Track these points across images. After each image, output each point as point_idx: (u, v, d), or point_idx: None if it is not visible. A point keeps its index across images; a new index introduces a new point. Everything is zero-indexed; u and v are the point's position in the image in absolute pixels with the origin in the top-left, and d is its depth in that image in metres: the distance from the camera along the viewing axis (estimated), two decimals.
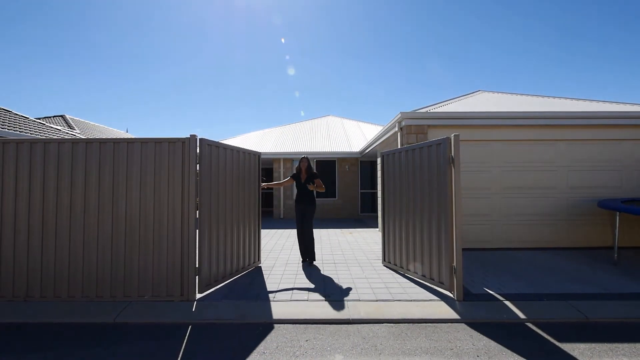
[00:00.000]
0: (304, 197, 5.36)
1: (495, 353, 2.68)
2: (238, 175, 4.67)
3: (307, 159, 5.43)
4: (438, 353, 2.69)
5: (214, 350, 2.76)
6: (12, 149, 3.81)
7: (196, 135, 3.90)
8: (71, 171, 3.82)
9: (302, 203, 5.36)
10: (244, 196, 4.82)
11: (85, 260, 3.78)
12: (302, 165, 5.39)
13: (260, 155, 5.36)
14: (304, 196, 5.36)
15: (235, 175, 4.61)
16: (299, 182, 5.37)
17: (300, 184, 5.36)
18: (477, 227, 6.29)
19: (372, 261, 5.51)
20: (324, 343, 2.86)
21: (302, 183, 5.33)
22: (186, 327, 3.18)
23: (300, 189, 5.39)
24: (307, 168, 5.38)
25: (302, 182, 5.34)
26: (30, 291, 3.76)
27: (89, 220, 3.80)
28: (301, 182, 5.35)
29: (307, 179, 5.31)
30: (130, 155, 3.86)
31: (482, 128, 6.31)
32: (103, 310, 3.49)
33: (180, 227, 3.84)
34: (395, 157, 4.91)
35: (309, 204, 5.36)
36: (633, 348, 2.75)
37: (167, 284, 3.80)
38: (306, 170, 5.37)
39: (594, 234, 6.33)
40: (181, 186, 3.86)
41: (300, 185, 5.38)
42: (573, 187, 6.36)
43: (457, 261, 3.74)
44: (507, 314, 3.37)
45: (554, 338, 2.92)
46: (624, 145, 6.39)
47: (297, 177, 5.41)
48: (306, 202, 5.35)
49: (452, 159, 3.83)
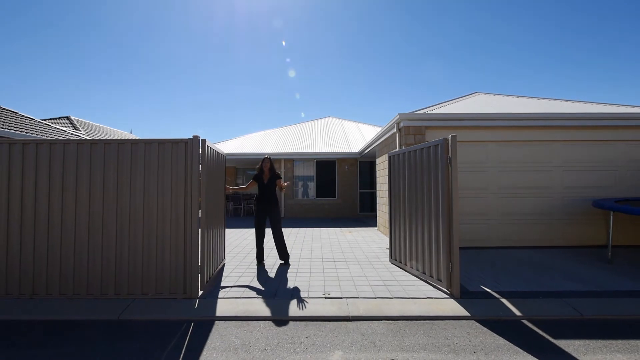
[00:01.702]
0: (267, 197, 5.19)
1: (491, 349, 2.69)
2: (215, 176, 4.59)
3: (269, 159, 5.27)
4: (436, 350, 2.70)
5: (216, 346, 2.76)
6: (18, 150, 3.81)
7: (199, 136, 3.91)
8: (76, 171, 3.82)
9: (266, 203, 5.18)
10: (218, 196, 4.79)
11: (90, 258, 3.78)
12: (265, 165, 5.23)
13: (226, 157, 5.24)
14: (268, 197, 5.19)
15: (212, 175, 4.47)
16: (262, 183, 5.21)
17: (263, 184, 5.20)
18: (474, 226, 6.29)
19: (371, 260, 5.51)
20: (324, 340, 2.86)
21: (265, 184, 5.19)
22: (189, 323, 3.18)
23: (264, 189, 5.20)
24: (270, 168, 5.25)
25: (264, 182, 5.20)
26: (36, 289, 3.76)
27: (94, 220, 3.80)
28: (264, 183, 5.20)
29: (270, 179, 5.20)
30: (134, 155, 3.86)
31: (479, 129, 6.31)
32: (108, 308, 3.49)
33: (183, 226, 3.84)
34: (400, 157, 4.94)
35: (274, 205, 5.21)
36: (627, 345, 2.75)
37: (170, 282, 3.80)
38: (269, 170, 5.24)
39: (589, 233, 6.34)
40: (184, 186, 3.86)
41: (263, 186, 5.20)
42: (568, 187, 6.37)
43: (454, 259, 3.74)
44: (503, 311, 3.37)
45: (549, 335, 2.93)
46: (617, 146, 6.40)
47: (260, 178, 5.24)
48: (271, 203, 5.19)
49: (449, 160, 3.84)
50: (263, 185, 5.23)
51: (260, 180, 5.25)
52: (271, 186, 5.23)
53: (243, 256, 5.79)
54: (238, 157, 12.75)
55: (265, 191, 5.21)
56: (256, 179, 5.27)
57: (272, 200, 5.21)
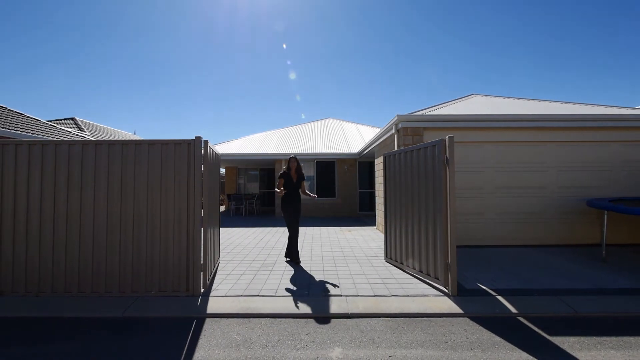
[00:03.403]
0: (294, 196, 5.13)
1: (488, 346, 2.69)
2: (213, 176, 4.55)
3: (296, 158, 5.19)
4: (433, 346, 2.70)
5: (218, 342, 2.76)
6: (24, 150, 3.81)
7: (201, 137, 3.91)
8: (81, 171, 3.82)
9: (291, 202, 5.12)
10: (215, 195, 4.76)
11: (94, 256, 3.79)
12: (292, 165, 5.15)
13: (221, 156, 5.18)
14: (294, 196, 5.14)
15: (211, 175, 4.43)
16: (290, 182, 5.11)
17: (292, 183, 5.11)
18: (471, 225, 6.29)
19: (370, 258, 5.51)
20: (324, 336, 2.86)
21: (293, 183, 5.13)
22: (192, 320, 3.18)
23: (291, 189, 5.11)
24: (297, 169, 5.18)
25: (293, 182, 5.13)
26: (42, 287, 3.76)
27: (98, 219, 3.81)
28: (292, 182, 5.13)
29: (297, 179, 5.16)
30: (138, 156, 3.86)
31: (476, 130, 6.31)
32: (112, 305, 3.50)
33: (185, 225, 3.84)
34: (396, 158, 4.92)
35: (297, 203, 5.17)
36: (620, 341, 2.75)
37: (172, 280, 3.80)
38: (296, 170, 5.18)
39: (583, 232, 6.34)
40: (187, 186, 3.86)
41: (291, 184, 5.11)
42: (563, 186, 6.37)
43: (451, 258, 3.74)
44: (499, 309, 3.37)
45: (544, 331, 2.93)
46: (611, 147, 6.40)
47: (288, 177, 5.13)
48: (294, 202, 5.14)
49: (446, 160, 3.84)
50: (291, 184, 5.12)
51: (288, 179, 5.14)
52: (297, 186, 5.18)
53: (245, 254, 5.79)
54: (240, 157, 12.75)
55: (292, 191, 5.14)
56: (284, 177, 5.14)
57: (296, 199, 5.16)
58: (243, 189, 16.26)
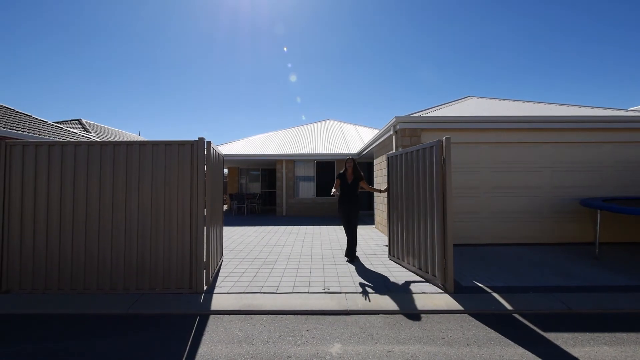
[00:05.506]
0: (349, 197, 5.10)
1: (484, 342, 2.69)
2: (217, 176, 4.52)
3: (352, 159, 5.17)
4: (430, 342, 2.70)
5: (220, 338, 2.76)
6: (31, 151, 3.81)
7: (204, 138, 3.91)
8: (87, 172, 3.82)
9: (346, 204, 5.10)
10: (219, 195, 4.75)
11: (100, 255, 3.79)
12: (348, 166, 5.14)
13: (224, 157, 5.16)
14: (349, 197, 5.10)
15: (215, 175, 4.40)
16: (345, 183, 5.12)
17: (347, 184, 5.10)
18: (467, 224, 6.29)
19: (369, 256, 5.51)
20: (324, 332, 2.86)
21: (349, 184, 5.10)
22: (195, 317, 3.18)
23: (347, 189, 5.10)
24: (354, 169, 5.14)
25: (348, 182, 5.11)
26: (48, 284, 3.76)
27: (104, 219, 3.81)
28: (347, 183, 5.10)
29: (354, 180, 5.12)
30: (142, 156, 3.86)
31: (472, 131, 6.31)
32: (117, 302, 3.50)
33: (189, 224, 3.84)
34: (398, 158, 4.93)
35: (354, 205, 5.12)
36: (613, 337, 2.75)
37: (176, 278, 3.80)
38: (352, 171, 5.14)
39: (577, 231, 6.34)
40: (190, 185, 3.86)
41: (346, 185, 5.10)
42: (557, 186, 6.37)
43: (448, 256, 3.74)
44: (495, 306, 3.37)
45: (539, 328, 2.93)
46: (604, 148, 6.40)
47: (344, 177, 5.15)
48: (351, 203, 5.10)
49: (444, 160, 3.84)
50: (347, 185, 5.12)
51: (344, 180, 5.15)
52: (354, 187, 5.15)
53: (247, 253, 5.79)
54: (243, 158, 12.74)
55: (347, 191, 5.13)
56: (340, 177, 5.17)
57: (352, 200, 5.12)
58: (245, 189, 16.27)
